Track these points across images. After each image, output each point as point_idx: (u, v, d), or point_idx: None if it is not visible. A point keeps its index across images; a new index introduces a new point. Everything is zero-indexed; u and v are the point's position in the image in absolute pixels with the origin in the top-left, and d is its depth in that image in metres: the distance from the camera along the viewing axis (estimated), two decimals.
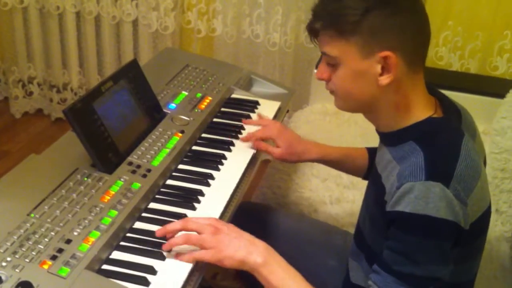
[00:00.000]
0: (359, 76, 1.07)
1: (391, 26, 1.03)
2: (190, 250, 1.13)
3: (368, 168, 1.50)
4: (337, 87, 1.12)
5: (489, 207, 1.13)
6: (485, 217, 1.11)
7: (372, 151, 1.49)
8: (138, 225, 1.22)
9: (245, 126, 1.64)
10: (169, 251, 1.13)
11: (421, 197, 0.98)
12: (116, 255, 1.13)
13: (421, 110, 1.10)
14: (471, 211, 1.03)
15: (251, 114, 1.72)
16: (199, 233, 1.12)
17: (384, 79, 1.05)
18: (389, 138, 1.15)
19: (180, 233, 1.14)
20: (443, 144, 1.05)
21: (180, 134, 1.51)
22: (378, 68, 1.05)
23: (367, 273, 1.23)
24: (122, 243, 1.16)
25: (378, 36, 1.03)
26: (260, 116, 1.69)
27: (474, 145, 1.10)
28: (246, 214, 1.57)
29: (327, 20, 1.06)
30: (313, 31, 1.11)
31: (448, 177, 0.99)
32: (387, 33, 1.03)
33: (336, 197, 1.87)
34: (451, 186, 0.99)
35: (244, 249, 1.10)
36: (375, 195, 1.19)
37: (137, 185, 1.28)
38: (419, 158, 1.02)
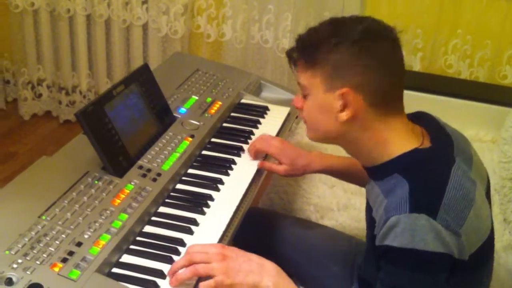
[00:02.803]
0: (323, 109, 1.10)
1: (355, 65, 1.05)
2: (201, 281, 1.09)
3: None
4: (306, 117, 1.15)
5: (490, 236, 1.09)
6: (486, 247, 1.07)
7: None
8: (148, 229, 1.23)
9: (254, 131, 1.65)
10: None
11: (407, 230, 0.97)
12: (126, 258, 1.14)
13: (404, 142, 1.08)
14: (468, 242, 1.00)
15: (261, 119, 1.73)
16: (206, 263, 1.07)
17: (343, 116, 1.06)
18: (374, 172, 1.14)
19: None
20: (429, 174, 1.03)
21: (190, 139, 1.51)
22: (338, 104, 1.06)
23: None
24: (132, 246, 1.17)
25: (340, 73, 1.05)
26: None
27: (469, 171, 1.08)
28: (253, 220, 1.57)
29: (300, 49, 1.10)
30: (291, 60, 1.14)
31: (434, 208, 0.97)
32: (349, 71, 1.05)
33: (344, 204, 1.87)
34: (438, 217, 0.96)
35: (255, 273, 1.06)
36: (368, 228, 1.20)
37: (147, 189, 1.29)
38: (405, 190, 1.00)
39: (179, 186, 1.38)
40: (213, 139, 1.60)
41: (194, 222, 1.25)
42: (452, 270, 1.00)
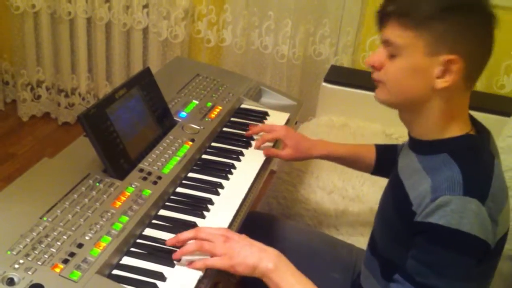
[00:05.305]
0: (416, 72, 1.05)
1: (467, 34, 1.01)
2: (202, 257, 1.14)
3: (375, 164, 1.53)
4: (389, 77, 1.08)
5: (508, 229, 1.12)
6: (505, 237, 1.11)
7: (380, 148, 1.53)
8: (148, 231, 1.23)
9: (254, 136, 1.66)
10: (179, 260, 1.15)
11: (457, 211, 0.98)
12: (127, 260, 1.14)
13: (461, 125, 1.09)
14: (498, 231, 1.03)
15: (260, 125, 1.74)
16: (210, 242, 1.14)
17: (441, 83, 1.03)
18: (421, 146, 1.13)
19: (190, 241, 1.16)
20: (478, 162, 1.05)
21: (190, 143, 1.52)
22: (438, 70, 1.02)
23: (379, 282, 1.24)
24: (132, 249, 1.18)
25: (450, 39, 1.01)
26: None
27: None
28: (252, 223, 1.58)
29: (404, 6, 1.03)
30: (384, 15, 1.07)
31: (484, 195, 1.00)
32: (460, 38, 1.01)
33: (341, 210, 1.88)
34: (486, 204, 0.99)
35: (256, 255, 1.11)
36: (395, 203, 1.18)
37: (147, 191, 1.30)
38: (456, 173, 1.01)
39: (179, 189, 1.39)
40: (213, 144, 1.61)
41: (194, 226, 1.26)
42: (481, 259, 1.02)
